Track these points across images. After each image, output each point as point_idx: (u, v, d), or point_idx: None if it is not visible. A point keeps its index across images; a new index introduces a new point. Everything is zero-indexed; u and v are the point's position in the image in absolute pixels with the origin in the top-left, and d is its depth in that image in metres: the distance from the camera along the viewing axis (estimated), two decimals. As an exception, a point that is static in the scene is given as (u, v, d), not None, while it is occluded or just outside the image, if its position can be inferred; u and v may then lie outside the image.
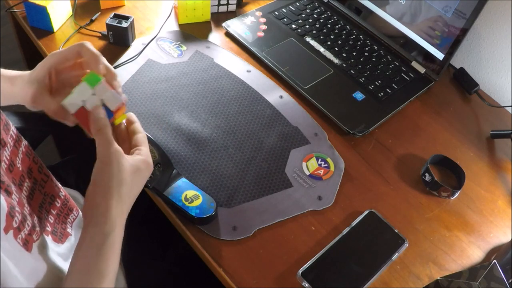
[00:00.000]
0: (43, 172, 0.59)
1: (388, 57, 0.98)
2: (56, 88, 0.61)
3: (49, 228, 0.58)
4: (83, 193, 0.76)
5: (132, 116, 0.61)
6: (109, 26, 0.89)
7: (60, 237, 0.60)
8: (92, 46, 0.58)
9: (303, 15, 1.04)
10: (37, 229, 0.53)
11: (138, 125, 0.60)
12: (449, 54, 0.91)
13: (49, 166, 0.84)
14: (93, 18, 0.95)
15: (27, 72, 0.61)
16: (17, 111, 0.86)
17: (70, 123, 0.62)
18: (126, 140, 0.60)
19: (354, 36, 1.01)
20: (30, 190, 0.55)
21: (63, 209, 0.62)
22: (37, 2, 0.86)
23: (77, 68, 0.61)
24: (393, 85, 0.92)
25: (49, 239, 0.57)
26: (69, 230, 0.63)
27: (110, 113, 0.56)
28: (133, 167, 0.54)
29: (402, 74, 0.95)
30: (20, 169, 0.53)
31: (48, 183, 0.59)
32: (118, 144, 0.54)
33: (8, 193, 0.48)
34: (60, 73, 0.61)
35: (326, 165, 0.78)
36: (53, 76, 0.60)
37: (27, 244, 0.50)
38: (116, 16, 0.90)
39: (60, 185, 0.63)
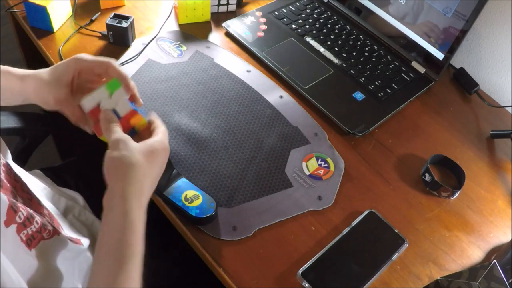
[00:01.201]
0: (26, 191, 0.57)
1: (388, 57, 0.98)
2: (74, 91, 0.61)
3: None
4: (83, 194, 0.77)
5: (153, 115, 0.62)
6: (109, 26, 0.89)
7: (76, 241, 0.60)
8: (119, 66, 0.59)
9: (303, 15, 1.04)
10: (50, 228, 0.52)
11: (158, 122, 0.61)
12: (449, 54, 0.91)
13: (51, 167, 0.84)
14: (93, 18, 0.95)
15: (41, 71, 0.61)
16: (17, 111, 0.86)
17: (89, 130, 0.63)
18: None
19: (354, 36, 1.01)
20: (23, 206, 0.53)
21: (49, 229, 0.60)
22: (37, 2, 0.86)
23: (94, 77, 0.62)
24: (393, 85, 0.92)
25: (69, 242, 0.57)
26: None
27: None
28: (146, 149, 0.54)
29: (402, 74, 0.95)
30: (8, 185, 0.53)
31: (33, 201, 0.58)
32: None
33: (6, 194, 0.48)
34: (79, 77, 0.61)
35: (326, 165, 0.78)
36: (75, 79, 0.60)
37: (31, 240, 0.49)
38: (116, 16, 0.90)
39: (42, 203, 0.60)
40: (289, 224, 0.70)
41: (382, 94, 0.90)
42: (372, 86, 0.91)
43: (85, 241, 0.63)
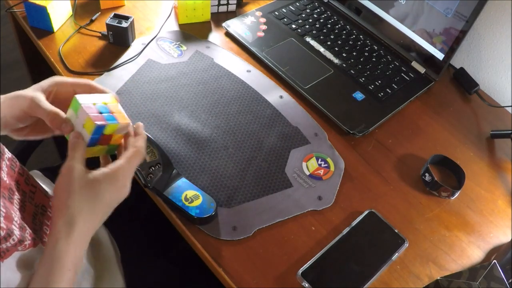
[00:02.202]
0: (31, 184, 0.57)
1: (388, 57, 0.98)
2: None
3: (46, 239, 0.56)
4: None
5: (138, 130, 0.58)
6: (109, 26, 0.89)
7: None
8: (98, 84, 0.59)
9: (303, 15, 1.04)
10: (27, 242, 0.51)
11: (133, 139, 0.57)
12: (449, 54, 0.91)
13: (50, 167, 0.84)
14: (93, 18, 0.95)
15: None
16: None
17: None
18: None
19: (354, 36, 1.01)
20: (20, 202, 0.53)
21: (25, 243, 0.61)
22: (37, 2, 0.86)
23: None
24: (393, 85, 0.92)
25: None
26: None
27: (98, 132, 0.55)
28: (87, 182, 0.51)
29: (402, 74, 0.95)
30: (8, 182, 0.52)
31: (37, 194, 0.58)
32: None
33: None
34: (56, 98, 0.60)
35: (326, 165, 0.78)
36: (49, 99, 0.59)
37: (4, 253, 0.48)
38: (116, 16, 0.90)
39: (49, 194, 0.61)
40: (289, 224, 0.70)
41: (382, 94, 0.90)
42: (372, 86, 0.91)
43: None
